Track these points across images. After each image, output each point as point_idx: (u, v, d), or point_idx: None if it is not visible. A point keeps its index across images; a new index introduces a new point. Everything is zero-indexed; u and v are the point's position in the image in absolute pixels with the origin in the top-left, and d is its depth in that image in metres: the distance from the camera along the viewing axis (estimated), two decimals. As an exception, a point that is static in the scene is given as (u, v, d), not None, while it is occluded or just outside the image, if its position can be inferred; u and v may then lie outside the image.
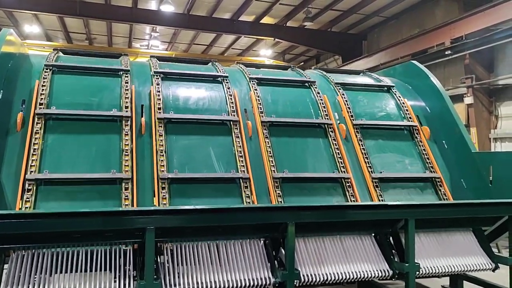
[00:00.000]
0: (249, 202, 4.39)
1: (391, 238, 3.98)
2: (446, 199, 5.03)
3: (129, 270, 3.29)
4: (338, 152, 5.02)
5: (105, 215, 3.06)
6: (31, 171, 4.00)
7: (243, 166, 4.61)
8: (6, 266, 3.14)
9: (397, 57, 15.49)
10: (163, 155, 4.41)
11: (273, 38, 20.28)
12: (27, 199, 3.87)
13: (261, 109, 5.14)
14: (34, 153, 4.10)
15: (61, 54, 5.34)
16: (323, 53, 24.09)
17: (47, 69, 4.75)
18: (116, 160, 4.32)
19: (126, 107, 4.65)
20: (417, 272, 3.76)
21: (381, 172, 5.05)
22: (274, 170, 4.68)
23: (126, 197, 4.08)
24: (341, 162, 4.94)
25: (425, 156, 5.31)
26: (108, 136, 4.49)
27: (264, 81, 5.60)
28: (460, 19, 12.95)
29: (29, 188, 3.92)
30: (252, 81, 5.49)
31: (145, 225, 3.09)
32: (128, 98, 4.72)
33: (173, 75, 5.33)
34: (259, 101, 5.22)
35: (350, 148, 5.18)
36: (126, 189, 4.12)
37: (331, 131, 5.20)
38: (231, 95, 5.20)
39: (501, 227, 4.27)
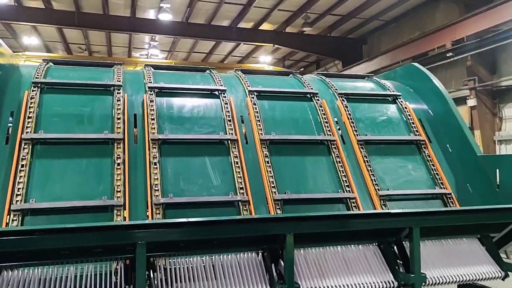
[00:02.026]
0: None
1: (395, 247, 3.82)
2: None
3: (120, 286, 3.15)
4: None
5: (93, 230, 2.91)
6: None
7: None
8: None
9: (398, 61, 15.41)
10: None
11: (272, 44, 20.26)
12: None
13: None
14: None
15: (51, 65, 5.15)
16: (323, 58, 24.03)
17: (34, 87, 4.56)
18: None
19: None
20: (423, 283, 3.59)
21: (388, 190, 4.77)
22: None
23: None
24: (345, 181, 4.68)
25: (433, 169, 5.05)
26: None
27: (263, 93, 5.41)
28: (461, 21, 12.86)
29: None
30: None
31: (136, 240, 2.94)
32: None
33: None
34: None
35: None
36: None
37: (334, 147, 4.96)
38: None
39: (510, 233, 4.09)
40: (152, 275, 3.23)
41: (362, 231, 3.71)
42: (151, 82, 4.92)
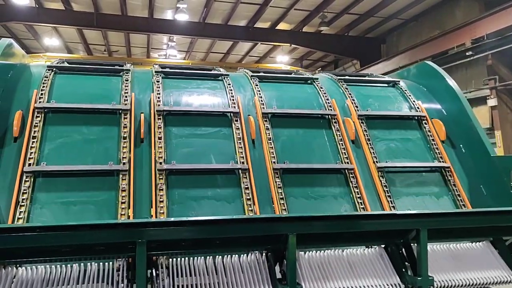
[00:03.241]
0: (248, 193, 4.31)
1: (403, 249, 3.74)
2: (456, 189, 4.85)
3: (122, 284, 3.16)
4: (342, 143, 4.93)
5: (93, 228, 2.92)
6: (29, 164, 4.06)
7: (243, 157, 4.54)
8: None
9: (417, 60, 15.11)
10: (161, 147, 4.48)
11: (289, 44, 20.16)
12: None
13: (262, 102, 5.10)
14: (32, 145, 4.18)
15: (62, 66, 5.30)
16: (341, 58, 23.83)
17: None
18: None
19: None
20: (431, 287, 3.50)
21: (386, 162, 4.90)
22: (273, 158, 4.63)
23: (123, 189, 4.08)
24: (344, 152, 4.83)
25: (434, 147, 5.14)
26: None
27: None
28: (481, 19, 12.58)
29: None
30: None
31: (135, 239, 2.95)
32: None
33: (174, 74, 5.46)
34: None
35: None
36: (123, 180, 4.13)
37: (335, 122, 5.10)
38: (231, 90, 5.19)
39: (524, 236, 3.96)
40: (154, 274, 3.23)
41: (368, 233, 3.64)
42: (157, 68, 5.31)
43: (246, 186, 4.34)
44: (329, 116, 5.10)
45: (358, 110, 5.22)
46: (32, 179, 3.97)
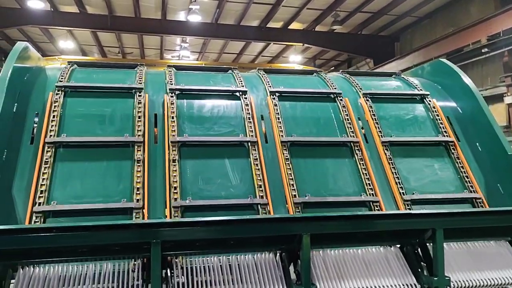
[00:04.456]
0: (257, 164, 4.47)
1: (419, 249, 3.70)
2: (460, 162, 4.91)
3: (137, 285, 3.18)
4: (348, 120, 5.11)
5: (107, 228, 2.95)
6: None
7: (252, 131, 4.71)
8: (13, 281, 3.09)
9: (431, 58, 14.97)
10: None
11: (302, 44, 20.11)
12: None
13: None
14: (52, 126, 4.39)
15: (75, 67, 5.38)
16: (355, 57, 23.69)
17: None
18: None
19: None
20: (448, 287, 3.45)
21: (391, 136, 5.05)
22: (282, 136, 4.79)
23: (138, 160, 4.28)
24: (350, 127, 5.01)
25: (438, 122, 5.26)
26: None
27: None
28: (497, 15, 12.42)
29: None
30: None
31: (150, 239, 2.97)
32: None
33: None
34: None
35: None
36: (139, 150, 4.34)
37: (340, 99, 5.31)
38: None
39: (543, 236, 3.89)
40: (169, 274, 3.25)
41: (383, 232, 3.61)
42: (169, 64, 5.63)
43: (255, 158, 4.51)
44: (334, 94, 5.30)
45: (362, 90, 5.45)
46: (53, 150, 4.20)
